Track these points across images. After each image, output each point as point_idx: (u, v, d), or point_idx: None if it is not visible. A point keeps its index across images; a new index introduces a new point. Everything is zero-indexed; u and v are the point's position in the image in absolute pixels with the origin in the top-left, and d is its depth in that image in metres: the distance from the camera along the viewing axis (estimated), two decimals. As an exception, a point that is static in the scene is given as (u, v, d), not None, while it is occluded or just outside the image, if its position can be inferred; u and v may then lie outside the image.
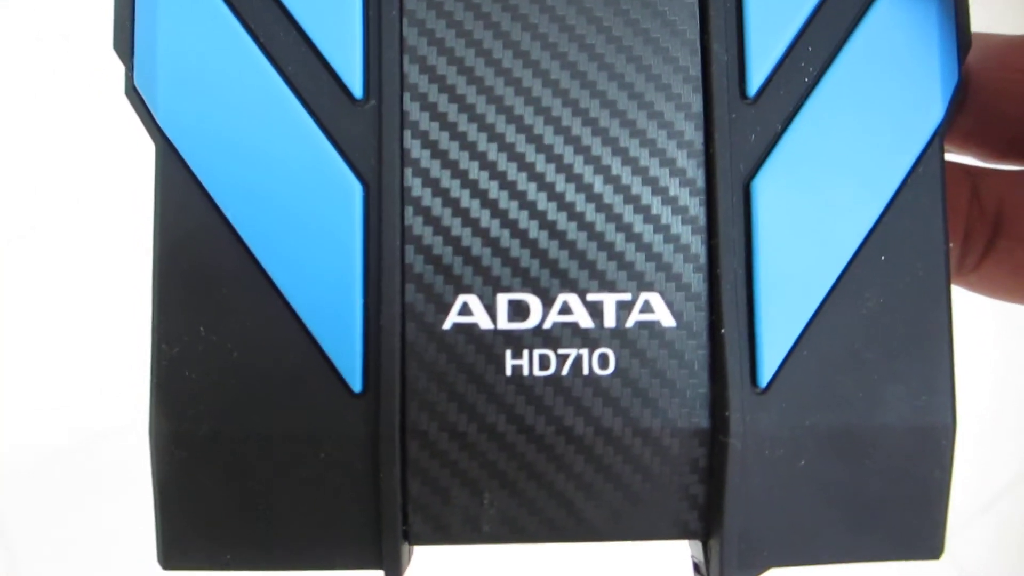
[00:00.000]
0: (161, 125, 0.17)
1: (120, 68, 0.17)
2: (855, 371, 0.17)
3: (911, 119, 0.17)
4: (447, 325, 0.17)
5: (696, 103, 0.17)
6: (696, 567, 0.18)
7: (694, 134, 0.17)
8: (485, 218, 0.17)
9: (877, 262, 0.17)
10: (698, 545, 0.18)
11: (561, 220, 0.17)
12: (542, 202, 0.17)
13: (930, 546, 0.17)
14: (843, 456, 0.17)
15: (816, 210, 0.17)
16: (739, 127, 0.17)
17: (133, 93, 0.17)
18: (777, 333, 0.17)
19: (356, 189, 0.17)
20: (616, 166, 0.17)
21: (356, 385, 0.17)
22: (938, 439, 0.17)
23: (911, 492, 0.17)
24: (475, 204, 0.17)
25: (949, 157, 0.19)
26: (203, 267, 0.17)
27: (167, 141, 0.17)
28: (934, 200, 0.17)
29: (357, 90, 0.17)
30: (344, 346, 0.17)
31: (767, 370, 0.17)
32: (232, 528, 0.17)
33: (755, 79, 0.17)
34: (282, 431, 0.17)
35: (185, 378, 0.17)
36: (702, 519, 0.17)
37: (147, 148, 0.17)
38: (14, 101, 0.60)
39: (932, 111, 0.18)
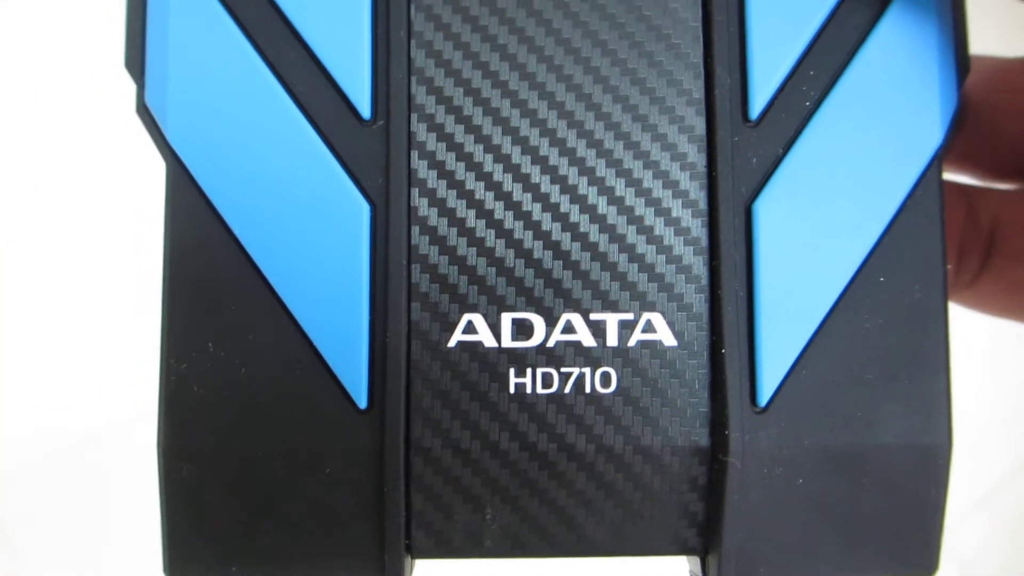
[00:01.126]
0: (171, 143, 0.17)
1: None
2: (853, 391, 0.17)
3: (910, 142, 0.18)
4: (452, 343, 0.17)
5: (699, 125, 0.17)
6: (694, 582, 0.19)
7: (697, 156, 0.17)
8: (490, 238, 0.17)
9: (876, 283, 0.17)
10: (697, 561, 0.18)
11: (565, 240, 0.17)
12: (546, 222, 0.17)
13: (925, 562, 0.18)
14: (841, 474, 0.17)
15: (816, 232, 0.17)
16: (741, 150, 0.17)
17: (144, 111, 0.17)
18: (777, 353, 0.17)
19: (363, 208, 0.17)
20: (620, 187, 0.17)
21: (361, 401, 0.17)
22: (935, 458, 0.18)
23: (907, 509, 0.18)
24: (480, 224, 0.17)
25: (945, 176, 0.19)
26: (211, 284, 0.17)
27: (177, 159, 0.17)
28: (932, 222, 0.18)
29: (365, 110, 0.17)
30: (350, 363, 0.17)
31: (767, 390, 0.17)
32: (237, 539, 0.17)
33: (757, 102, 0.17)
34: (288, 446, 0.17)
35: (193, 393, 0.17)
36: (701, 536, 0.17)
37: (148, 149, 0.17)
38: (14, 101, 0.60)
39: (931, 135, 0.18)
